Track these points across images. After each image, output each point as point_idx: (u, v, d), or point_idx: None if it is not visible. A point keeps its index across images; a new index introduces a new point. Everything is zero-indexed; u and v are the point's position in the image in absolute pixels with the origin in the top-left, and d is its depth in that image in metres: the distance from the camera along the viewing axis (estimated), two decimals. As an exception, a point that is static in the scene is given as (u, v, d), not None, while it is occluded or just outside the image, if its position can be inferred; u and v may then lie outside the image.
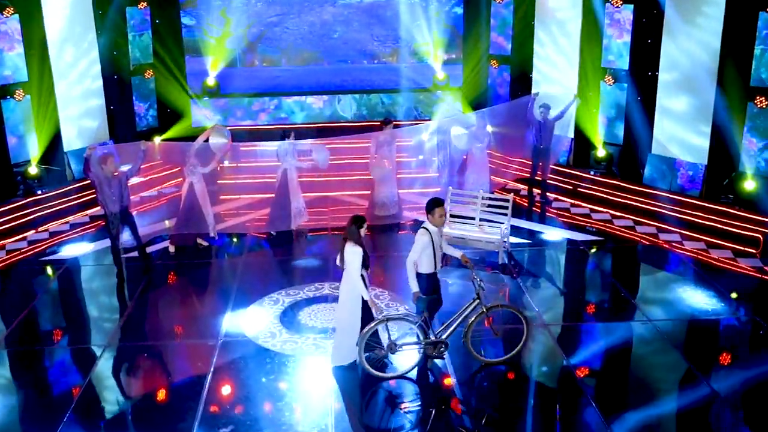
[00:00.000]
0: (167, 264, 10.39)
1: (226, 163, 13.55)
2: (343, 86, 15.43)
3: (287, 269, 10.34)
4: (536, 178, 13.18)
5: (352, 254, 7.05)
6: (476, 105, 14.77)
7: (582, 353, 7.88)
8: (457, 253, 7.35)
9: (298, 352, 7.78)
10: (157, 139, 12.12)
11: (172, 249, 10.81)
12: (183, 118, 14.87)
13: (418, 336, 7.20)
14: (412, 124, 13.78)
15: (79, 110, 13.34)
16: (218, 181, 13.05)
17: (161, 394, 7.25)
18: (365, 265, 7.11)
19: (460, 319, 7.30)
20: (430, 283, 7.18)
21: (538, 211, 12.76)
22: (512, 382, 7.43)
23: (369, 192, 12.10)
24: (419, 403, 6.97)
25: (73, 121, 13.34)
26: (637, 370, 7.70)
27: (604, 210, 12.57)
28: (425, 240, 7.08)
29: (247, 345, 7.94)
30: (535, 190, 13.22)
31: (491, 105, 14.63)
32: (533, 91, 14.03)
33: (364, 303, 7.16)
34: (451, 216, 10.58)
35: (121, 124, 13.92)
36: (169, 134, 14.06)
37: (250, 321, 8.49)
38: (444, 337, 7.24)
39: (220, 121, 14.59)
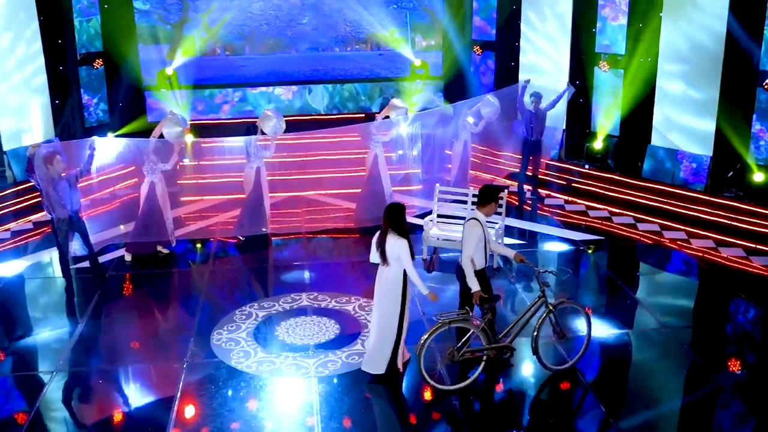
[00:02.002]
0: (123, 275, 10.05)
1: (187, 162, 13.24)
2: (314, 76, 15.27)
3: (259, 279, 10.09)
4: (527, 173, 12.98)
5: (400, 246, 6.82)
6: (458, 95, 14.55)
7: (594, 363, 7.66)
8: (509, 253, 7.23)
9: (276, 374, 7.45)
10: (110, 136, 11.69)
11: (128, 258, 10.40)
12: (137, 113, 14.60)
13: (481, 341, 6.96)
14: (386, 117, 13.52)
15: (21, 105, 12.97)
16: (178, 182, 12.80)
17: (120, 426, 6.85)
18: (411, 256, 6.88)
19: (524, 321, 7.09)
20: (482, 282, 6.95)
21: (529, 209, 12.60)
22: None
23: (358, 191, 11.90)
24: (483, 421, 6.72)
25: (14, 116, 12.89)
26: (653, 380, 7.45)
27: (602, 207, 12.43)
28: (479, 233, 6.88)
29: (217, 367, 7.57)
30: (526, 187, 13.03)
31: (475, 95, 14.40)
32: (521, 79, 13.81)
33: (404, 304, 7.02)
34: (439, 216, 10.38)
35: (68, 119, 13.55)
36: (123, 130, 13.71)
37: (220, 339, 8.13)
38: (508, 341, 7.04)
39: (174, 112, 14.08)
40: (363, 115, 14.76)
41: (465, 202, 10.42)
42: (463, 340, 6.94)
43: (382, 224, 6.99)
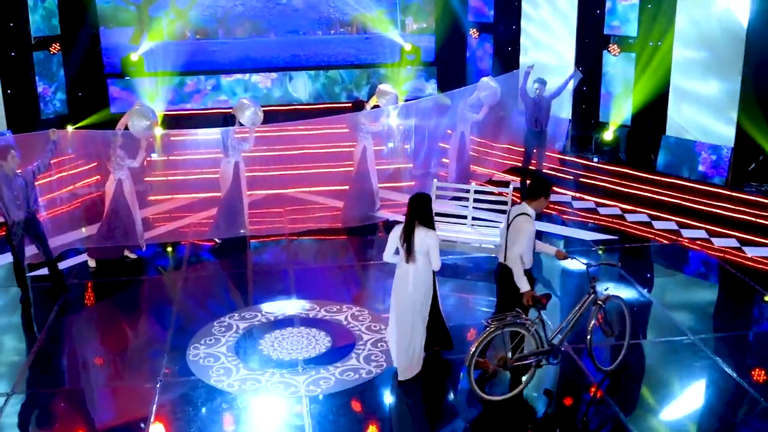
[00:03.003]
0: (86, 284, 9.88)
1: (155, 157, 13.14)
2: (295, 62, 15.33)
3: (239, 286, 9.95)
4: (530, 167, 12.84)
5: (431, 239, 6.93)
6: (452, 83, 14.59)
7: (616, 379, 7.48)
8: (550, 250, 7.34)
9: (262, 393, 7.26)
10: (70, 129, 11.49)
11: (92, 264, 10.21)
12: (99, 103, 14.55)
13: (531, 345, 6.94)
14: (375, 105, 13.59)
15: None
16: (145, 179, 12.55)
17: (85, 456, 6.68)
18: None
19: (575, 320, 7.10)
20: (529, 282, 6.95)
21: None
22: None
23: (345, 188, 11.83)
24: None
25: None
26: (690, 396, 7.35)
27: (613, 203, 12.36)
28: (533, 229, 6.88)
29: (195, 386, 7.37)
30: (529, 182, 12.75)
31: (471, 83, 14.33)
32: (522, 64, 13.78)
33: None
34: (437, 215, 10.01)
35: (22, 110, 13.40)
36: (83, 123, 13.61)
37: (198, 354, 7.92)
38: (558, 343, 7.05)
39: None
40: (350, 104, 14.59)
41: (465, 200, 10.22)
42: (513, 344, 6.89)
43: (406, 217, 7.01)
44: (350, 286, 9.72)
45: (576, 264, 7.73)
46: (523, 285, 6.81)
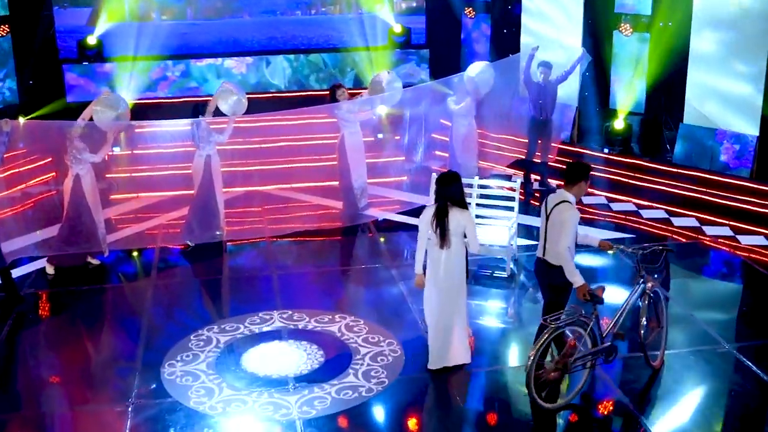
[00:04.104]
0: (43, 294, 9.76)
1: (117, 151, 13.25)
2: (272, 45, 15.42)
3: (217, 294, 9.91)
4: (534, 160, 12.88)
5: (467, 220, 7.22)
6: (446, 68, 14.52)
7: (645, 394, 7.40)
8: (594, 241, 7.42)
9: (249, 415, 7.10)
10: (21, 120, 11.31)
11: (50, 271, 10.03)
12: (54, 92, 14.55)
13: (587, 344, 7.05)
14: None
15: None
16: (107, 176, 12.70)
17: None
18: None
19: (626, 313, 7.23)
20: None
21: (538, 203, 12.43)
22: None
23: (334, 183, 11.93)
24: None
25: None
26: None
27: (626, 199, 12.40)
28: (577, 217, 6.98)
29: (172, 408, 7.19)
30: (534, 176, 12.97)
31: (467, 67, 13.98)
32: (522, 47, 13.81)
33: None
34: None
35: None
36: (36, 113, 13.59)
37: (174, 372, 7.76)
38: (611, 341, 7.18)
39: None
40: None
41: (468, 195, 10.11)
42: (566, 345, 6.96)
43: (435, 200, 7.21)
44: (342, 293, 9.64)
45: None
46: (577, 279, 6.88)
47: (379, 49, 15.26)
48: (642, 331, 7.28)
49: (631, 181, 12.60)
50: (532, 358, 6.66)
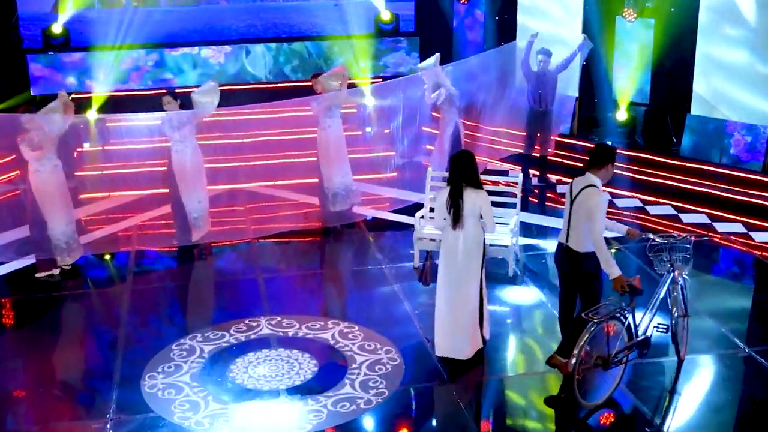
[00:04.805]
0: (7, 301, 9.73)
1: (87, 147, 13.19)
2: (252, 33, 15.35)
3: (199, 300, 9.87)
4: (533, 154, 12.87)
5: (483, 200, 7.44)
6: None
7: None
8: (621, 228, 7.50)
9: (237, 430, 7.00)
10: None
11: (56, 272, 9.93)
12: (18, 84, 14.41)
13: (623, 338, 7.18)
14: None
15: None
16: (76, 174, 12.60)
17: None
18: None
19: (657, 304, 7.40)
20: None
21: (536, 200, 12.56)
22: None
23: (315, 180, 11.75)
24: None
25: None
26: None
27: (631, 194, 12.39)
28: (606, 201, 7.13)
29: (155, 424, 7.10)
30: (532, 171, 12.94)
31: (459, 57, 14.54)
32: (518, 35, 13.71)
33: None
34: (432, 210, 9.96)
35: None
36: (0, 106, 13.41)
37: (155, 385, 7.65)
38: (648, 332, 7.33)
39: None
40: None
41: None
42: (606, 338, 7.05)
43: (449, 180, 7.45)
44: (333, 297, 9.60)
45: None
46: (614, 269, 6.91)
47: (365, 37, 15.23)
48: (672, 321, 7.39)
49: (635, 176, 12.56)
50: (575, 355, 6.67)
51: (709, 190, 11.86)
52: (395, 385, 7.34)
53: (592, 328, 6.70)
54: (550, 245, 10.78)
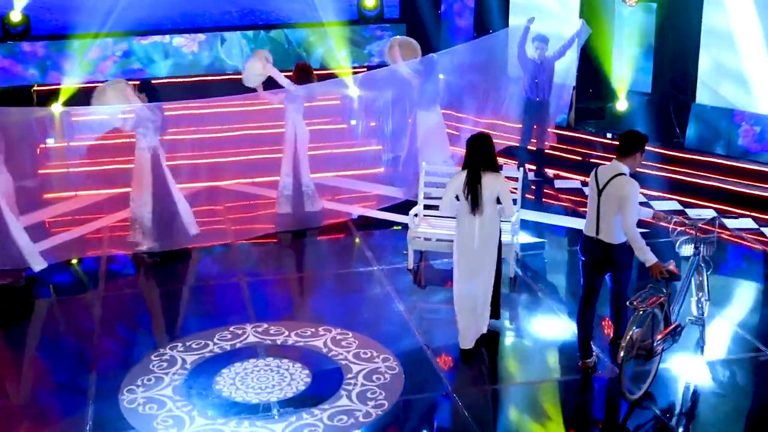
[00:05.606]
0: None
1: (51, 143, 13.11)
2: (227, 20, 15.35)
3: (178, 306, 9.75)
4: (529, 147, 12.88)
5: (501, 184, 7.56)
6: (424, 45, 14.09)
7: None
8: (647, 214, 8.30)
9: None
10: None
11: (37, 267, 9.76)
12: None
13: (661, 325, 7.35)
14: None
15: None
16: (39, 172, 12.62)
17: None
18: None
19: (685, 290, 7.69)
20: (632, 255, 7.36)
21: (533, 196, 12.59)
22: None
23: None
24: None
25: None
26: None
27: None
28: (638, 189, 7.27)
29: None
30: (528, 166, 12.94)
31: (447, 45, 14.35)
32: (511, 20, 13.72)
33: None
34: (426, 207, 10.24)
35: None
36: None
37: (134, 399, 7.55)
38: (677, 319, 7.60)
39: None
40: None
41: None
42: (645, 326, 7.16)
43: (466, 164, 7.52)
44: (324, 301, 9.53)
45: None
46: (650, 257, 7.06)
47: (348, 24, 15.21)
48: (697, 305, 7.77)
49: (638, 169, 12.32)
50: (624, 348, 6.82)
51: (716, 184, 11.88)
52: (395, 396, 7.29)
53: (644, 316, 6.90)
54: (549, 244, 11.00)
